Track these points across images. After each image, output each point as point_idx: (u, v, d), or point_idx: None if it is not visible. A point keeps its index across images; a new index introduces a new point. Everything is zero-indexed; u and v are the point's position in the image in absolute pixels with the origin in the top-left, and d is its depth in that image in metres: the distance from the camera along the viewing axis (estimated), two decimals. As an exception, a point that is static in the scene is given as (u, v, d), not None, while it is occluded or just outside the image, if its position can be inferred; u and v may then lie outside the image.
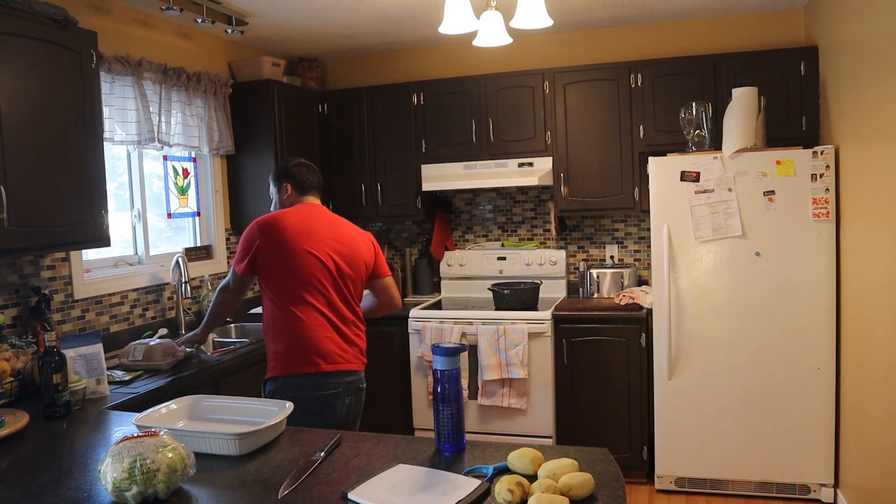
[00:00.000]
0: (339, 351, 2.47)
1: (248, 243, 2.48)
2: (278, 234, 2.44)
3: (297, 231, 2.46)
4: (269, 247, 2.44)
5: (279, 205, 2.68)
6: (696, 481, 3.54)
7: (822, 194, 3.27)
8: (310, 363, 2.42)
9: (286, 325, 2.44)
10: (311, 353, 2.42)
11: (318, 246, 2.47)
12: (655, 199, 3.51)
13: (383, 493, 1.47)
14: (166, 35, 3.57)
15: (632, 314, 3.64)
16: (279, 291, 2.46)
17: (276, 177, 2.70)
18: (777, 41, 3.90)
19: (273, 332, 2.49)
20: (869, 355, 2.89)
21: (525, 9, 2.50)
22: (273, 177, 2.71)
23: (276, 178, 2.70)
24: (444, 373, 1.72)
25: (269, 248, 2.44)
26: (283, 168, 2.69)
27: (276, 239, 2.44)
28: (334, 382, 2.45)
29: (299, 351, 2.42)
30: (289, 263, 2.43)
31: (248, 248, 2.48)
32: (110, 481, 1.45)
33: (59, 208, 2.51)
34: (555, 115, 3.99)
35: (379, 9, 3.60)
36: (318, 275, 2.46)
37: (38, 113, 2.44)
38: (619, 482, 1.51)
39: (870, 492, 2.91)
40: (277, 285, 2.46)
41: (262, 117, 3.94)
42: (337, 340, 2.48)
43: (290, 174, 2.66)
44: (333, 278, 2.49)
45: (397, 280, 4.49)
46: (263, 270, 2.47)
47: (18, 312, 2.75)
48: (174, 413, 1.97)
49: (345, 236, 2.58)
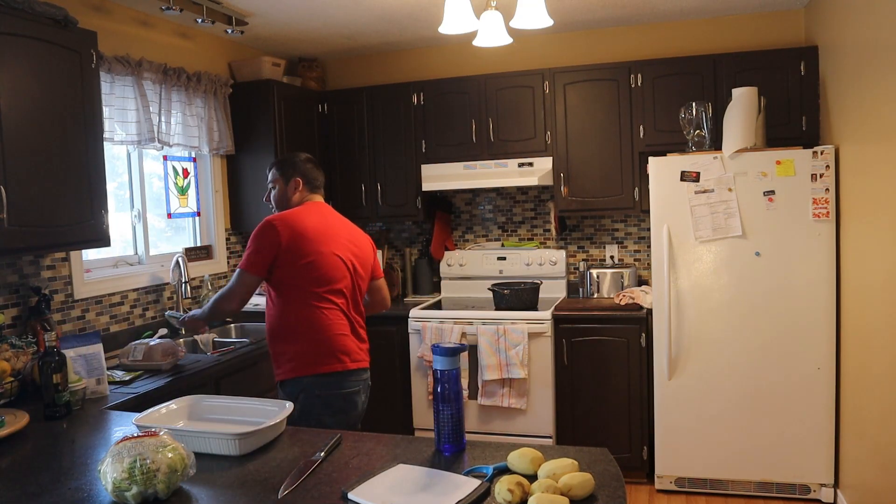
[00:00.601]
0: (357, 349, 2.51)
1: (266, 242, 2.39)
2: (301, 234, 2.41)
3: (319, 231, 2.46)
4: (292, 246, 2.40)
5: (286, 198, 2.61)
6: (696, 481, 3.54)
7: (822, 194, 3.27)
8: (336, 361, 2.43)
9: (308, 325, 2.42)
10: (337, 352, 2.44)
11: (339, 247, 2.49)
12: (655, 199, 3.51)
13: (383, 493, 1.47)
14: (166, 35, 3.57)
15: (632, 314, 3.64)
16: (302, 292, 2.42)
17: (286, 169, 2.61)
18: (777, 41, 3.90)
19: (289, 332, 2.45)
20: (869, 355, 2.89)
21: (525, 9, 2.50)
22: (280, 168, 2.63)
23: (284, 171, 2.62)
24: (444, 373, 1.72)
25: (293, 247, 2.40)
26: (292, 162, 2.62)
27: (300, 239, 2.40)
28: (355, 380, 2.49)
29: (324, 350, 2.42)
30: (314, 264, 2.41)
31: (267, 248, 2.39)
32: (110, 481, 1.45)
33: (59, 208, 2.51)
34: (555, 115, 3.99)
35: (379, 9, 3.60)
36: (341, 276, 2.48)
37: (38, 113, 2.44)
38: (619, 482, 1.51)
39: (870, 492, 2.91)
40: (300, 286, 2.42)
41: (262, 117, 3.94)
42: (355, 339, 2.52)
43: (302, 170, 2.61)
44: (352, 279, 2.53)
45: (397, 280, 4.50)
46: (282, 271, 2.41)
47: (18, 312, 2.75)
48: (174, 413, 1.97)
49: (356, 237, 2.62)
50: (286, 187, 2.61)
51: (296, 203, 2.59)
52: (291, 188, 2.60)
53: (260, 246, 2.40)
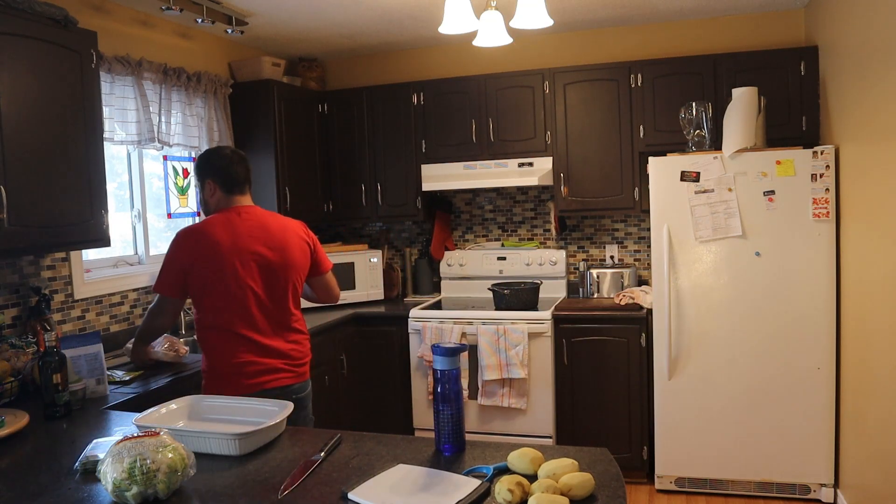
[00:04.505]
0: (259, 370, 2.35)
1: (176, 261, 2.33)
2: (202, 255, 2.31)
3: (227, 247, 2.32)
4: (195, 268, 2.30)
5: (203, 203, 2.47)
6: (696, 481, 3.54)
7: (822, 194, 3.27)
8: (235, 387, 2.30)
9: (210, 346, 2.37)
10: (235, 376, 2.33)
11: (245, 258, 2.33)
12: (655, 199, 3.51)
13: (383, 493, 1.47)
14: (166, 35, 3.57)
15: (632, 314, 3.64)
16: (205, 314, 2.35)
17: (199, 171, 2.43)
18: (777, 41, 3.90)
19: (201, 346, 2.41)
20: (869, 355, 2.89)
21: (525, 9, 2.50)
22: (194, 170, 2.47)
23: (198, 173, 2.44)
24: (444, 373, 1.72)
25: (196, 269, 2.30)
26: (204, 161, 2.43)
27: (201, 260, 2.30)
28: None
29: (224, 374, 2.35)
30: (212, 288, 2.31)
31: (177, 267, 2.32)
32: (110, 481, 1.45)
33: (59, 208, 2.51)
34: (555, 115, 3.99)
35: (379, 9, 3.60)
36: (242, 295, 2.32)
37: (39, 113, 2.44)
38: (619, 482, 1.51)
39: (870, 492, 2.91)
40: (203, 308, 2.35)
41: (262, 117, 3.94)
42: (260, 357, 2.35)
43: (214, 170, 2.40)
44: (264, 289, 2.36)
45: (397, 280, 4.50)
46: (192, 290, 2.35)
47: (18, 312, 2.75)
48: (174, 413, 1.97)
49: (276, 240, 2.40)
50: (202, 191, 2.45)
51: (213, 209, 2.43)
52: (207, 191, 2.43)
53: (166, 264, 2.35)
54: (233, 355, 2.32)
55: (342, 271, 4.10)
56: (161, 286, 2.37)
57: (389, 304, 4.27)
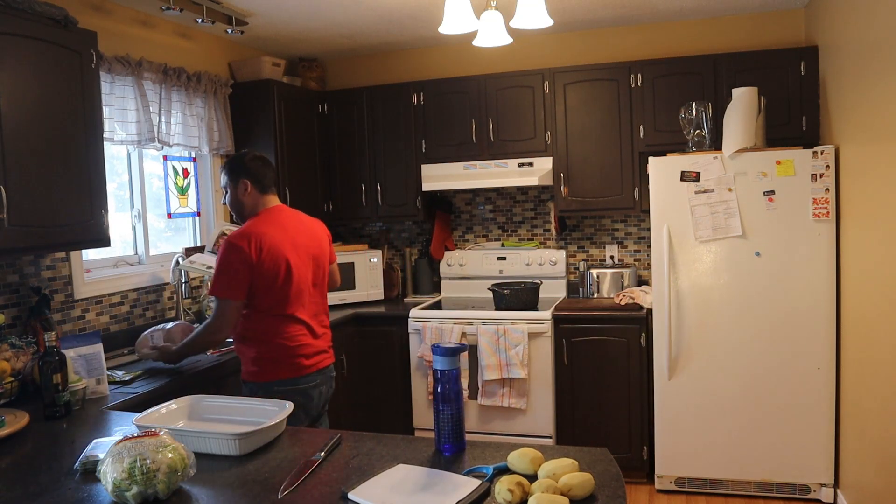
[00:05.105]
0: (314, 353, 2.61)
1: (237, 262, 2.40)
2: (268, 253, 2.44)
3: (285, 244, 2.50)
4: (262, 267, 2.42)
5: (238, 202, 2.59)
6: (696, 481, 3.54)
7: (822, 194, 3.27)
8: (295, 368, 2.53)
9: (274, 332, 2.51)
10: (296, 358, 2.54)
11: (302, 254, 2.56)
12: (655, 199, 3.51)
13: (383, 493, 1.47)
14: (166, 35, 3.57)
15: (632, 314, 3.64)
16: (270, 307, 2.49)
17: (233, 172, 2.58)
18: (777, 41, 3.90)
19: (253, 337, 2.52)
20: (869, 355, 2.89)
21: (525, 9, 2.50)
22: (227, 172, 2.59)
23: (231, 173, 2.58)
24: (444, 373, 1.72)
25: (262, 268, 2.43)
26: (239, 162, 2.59)
27: (267, 258, 2.43)
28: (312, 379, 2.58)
29: (285, 357, 2.53)
30: (280, 284, 2.47)
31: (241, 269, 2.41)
32: (110, 481, 1.45)
33: (59, 208, 2.51)
34: (555, 115, 3.99)
35: (379, 9, 3.60)
36: (305, 286, 2.56)
37: (39, 113, 2.44)
38: (619, 482, 1.51)
39: (870, 492, 2.91)
40: (268, 303, 2.49)
41: (262, 117, 3.94)
42: (314, 341, 2.60)
43: (249, 171, 2.57)
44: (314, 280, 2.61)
45: (397, 280, 4.50)
46: (256, 290, 2.46)
47: (18, 312, 2.75)
48: (174, 413, 1.97)
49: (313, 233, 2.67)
50: (236, 190, 2.58)
51: (249, 207, 2.58)
52: (241, 190, 2.57)
53: (229, 268, 2.40)
54: (292, 339, 2.52)
55: (342, 271, 4.09)
56: (226, 290, 2.41)
57: (389, 304, 4.27)
